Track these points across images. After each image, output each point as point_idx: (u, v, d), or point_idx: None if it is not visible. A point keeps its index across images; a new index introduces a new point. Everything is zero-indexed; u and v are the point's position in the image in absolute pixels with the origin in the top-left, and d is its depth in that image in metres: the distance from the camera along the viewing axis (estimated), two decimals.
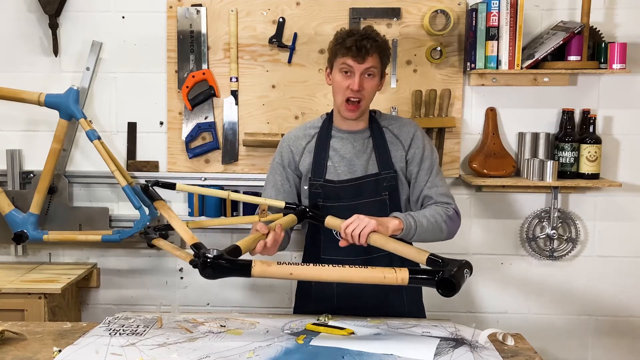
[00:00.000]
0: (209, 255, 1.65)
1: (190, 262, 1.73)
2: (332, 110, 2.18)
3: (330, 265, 1.73)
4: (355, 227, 1.87)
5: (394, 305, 2.13)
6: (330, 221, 2.04)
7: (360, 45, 1.98)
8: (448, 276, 1.64)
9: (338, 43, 2.04)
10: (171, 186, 2.07)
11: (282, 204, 2.08)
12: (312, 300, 2.16)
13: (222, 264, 1.65)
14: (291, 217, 2.05)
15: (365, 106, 2.08)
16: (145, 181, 2.14)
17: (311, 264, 1.75)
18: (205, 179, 2.78)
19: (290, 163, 2.16)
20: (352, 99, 2.04)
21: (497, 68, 2.62)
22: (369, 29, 2.06)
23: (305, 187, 2.14)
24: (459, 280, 1.66)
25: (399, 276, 1.67)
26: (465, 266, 1.71)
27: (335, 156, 2.12)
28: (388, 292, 2.10)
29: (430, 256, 1.77)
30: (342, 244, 1.92)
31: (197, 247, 1.74)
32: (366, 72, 2.02)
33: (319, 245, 2.14)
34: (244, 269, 1.67)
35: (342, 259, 2.06)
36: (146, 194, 2.19)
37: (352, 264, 2.06)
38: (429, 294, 2.23)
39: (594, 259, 2.85)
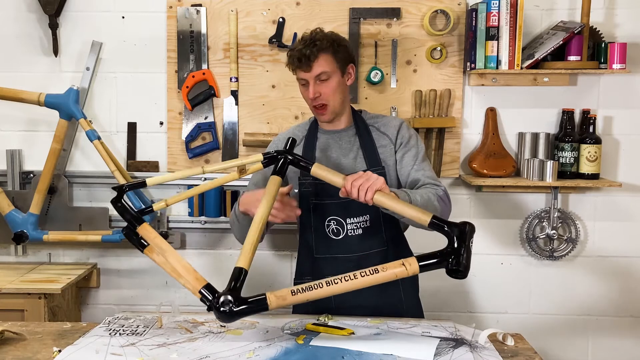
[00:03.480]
0: (224, 309, 1.64)
1: (201, 300, 1.70)
2: None
3: (341, 280, 1.67)
4: (364, 181, 1.79)
5: (392, 303, 2.13)
6: (318, 170, 1.85)
7: (301, 55, 2.02)
8: (459, 267, 1.65)
9: (289, 58, 2.09)
10: (142, 185, 1.86)
11: (260, 157, 1.89)
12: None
13: (238, 311, 1.66)
14: (276, 180, 1.87)
15: (334, 106, 2.09)
16: (112, 188, 1.87)
17: (323, 283, 1.68)
18: (205, 179, 2.78)
19: None
20: (316, 105, 2.09)
21: (497, 68, 2.62)
22: (313, 33, 2.08)
23: (296, 190, 2.13)
24: (468, 264, 1.66)
25: (410, 269, 1.67)
26: (470, 234, 1.68)
27: (322, 158, 2.14)
28: (385, 291, 2.09)
29: (433, 219, 1.72)
30: (342, 193, 1.83)
31: (209, 291, 1.70)
32: (317, 79, 2.05)
33: (311, 245, 2.14)
34: (261, 306, 1.68)
35: (336, 257, 2.08)
36: (129, 236, 1.86)
37: (346, 261, 2.07)
38: (429, 294, 2.23)
39: (594, 259, 2.85)
